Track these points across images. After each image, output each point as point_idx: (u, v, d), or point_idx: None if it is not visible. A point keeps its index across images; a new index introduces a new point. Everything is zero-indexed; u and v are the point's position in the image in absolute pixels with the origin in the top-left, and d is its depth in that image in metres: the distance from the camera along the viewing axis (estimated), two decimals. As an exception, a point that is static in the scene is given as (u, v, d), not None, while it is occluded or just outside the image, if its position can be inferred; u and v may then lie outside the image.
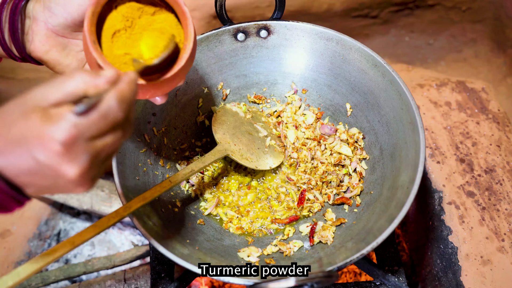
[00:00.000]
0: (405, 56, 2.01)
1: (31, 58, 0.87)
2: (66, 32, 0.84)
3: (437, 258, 1.29)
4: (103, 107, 0.62)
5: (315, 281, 0.78)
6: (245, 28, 1.20)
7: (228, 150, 1.13)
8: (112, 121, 0.63)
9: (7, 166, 0.60)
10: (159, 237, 0.95)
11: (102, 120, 0.62)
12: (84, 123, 0.60)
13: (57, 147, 0.58)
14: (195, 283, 1.41)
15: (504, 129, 1.39)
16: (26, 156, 0.59)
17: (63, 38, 0.85)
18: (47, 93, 0.62)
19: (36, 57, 0.86)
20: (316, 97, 1.26)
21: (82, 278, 1.49)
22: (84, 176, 0.62)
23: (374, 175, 1.14)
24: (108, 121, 0.62)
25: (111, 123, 0.63)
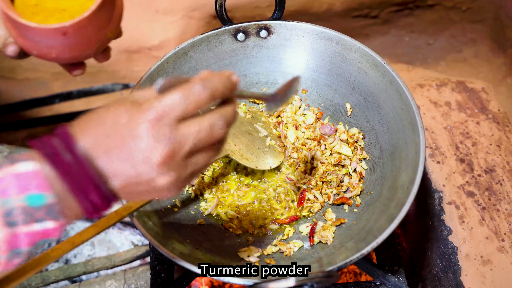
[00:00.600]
0: (405, 56, 2.01)
1: None
2: None
3: (437, 258, 1.29)
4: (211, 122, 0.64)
5: (315, 281, 0.78)
6: (245, 28, 1.20)
7: (228, 150, 1.13)
8: (215, 138, 0.65)
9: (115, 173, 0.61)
10: (159, 237, 0.95)
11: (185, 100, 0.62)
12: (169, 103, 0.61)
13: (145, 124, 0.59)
14: (195, 283, 1.41)
15: (504, 129, 1.39)
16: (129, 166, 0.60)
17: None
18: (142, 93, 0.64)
19: None
20: (316, 97, 1.26)
21: (82, 278, 1.49)
22: (168, 161, 0.61)
23: (374, 175, 1.14)
24: (212, 138, 0.64)
25: (213, 140, 0.65)
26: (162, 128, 0.60)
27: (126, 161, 0.60)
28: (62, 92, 1.85)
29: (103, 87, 1.88)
